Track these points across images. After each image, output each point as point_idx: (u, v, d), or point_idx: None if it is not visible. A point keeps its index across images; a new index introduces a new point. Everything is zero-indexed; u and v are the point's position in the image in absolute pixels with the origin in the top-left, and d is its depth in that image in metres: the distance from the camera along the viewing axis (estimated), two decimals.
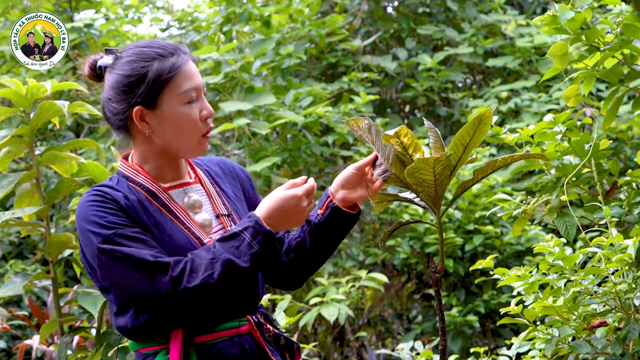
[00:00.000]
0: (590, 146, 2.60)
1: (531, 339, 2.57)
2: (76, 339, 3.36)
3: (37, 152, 3.06)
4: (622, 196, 2.63)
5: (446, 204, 4.43)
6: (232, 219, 2.20)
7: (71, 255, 3.09)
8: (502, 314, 2.53)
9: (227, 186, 2.28)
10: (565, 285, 2.37)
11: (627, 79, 2.59)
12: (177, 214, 2.13)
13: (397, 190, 2.32)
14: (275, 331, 2.21)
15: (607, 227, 2.41)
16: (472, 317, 5.03)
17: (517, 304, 2.47)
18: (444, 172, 2.12)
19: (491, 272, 2.51)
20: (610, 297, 2.34)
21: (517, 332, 5.00)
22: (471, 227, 5.21)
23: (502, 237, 5.22)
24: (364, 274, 5.03)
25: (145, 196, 2.11)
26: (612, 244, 2.33)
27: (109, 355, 2.87)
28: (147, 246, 2.02)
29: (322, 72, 6.72)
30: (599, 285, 2.42)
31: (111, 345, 2.91)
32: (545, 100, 6.07)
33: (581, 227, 2.59)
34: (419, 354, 3.13)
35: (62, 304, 3.19)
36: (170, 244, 2.07)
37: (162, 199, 2.13)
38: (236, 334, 2.12)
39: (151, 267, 1.99)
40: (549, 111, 5.89)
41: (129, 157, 2.20)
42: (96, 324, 3.04)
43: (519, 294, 2.45)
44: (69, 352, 3.13)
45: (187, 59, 2.12)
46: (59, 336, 3.12)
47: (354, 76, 6.21)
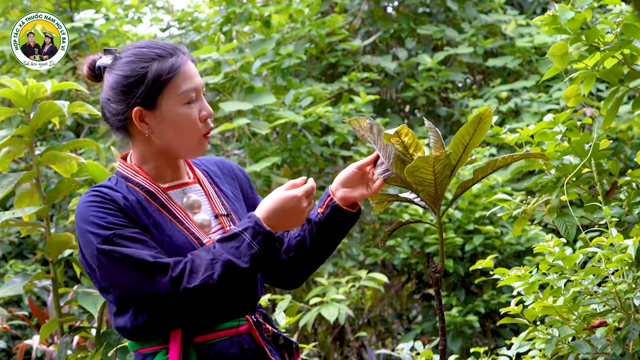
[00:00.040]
0: (590, 146, 2.59)
1: (531, 339, 2.57)
2: (76, 339, 3.36)
3: (37, 152, 3.06)
4: (622, 196, 2.63)
5: (446, 204, 4.43)
6: (231, 219, 2.20)
7: (71, 255, 3.09)
8: (502, 314, 2.53)
9: (226, 186, 2.28)
10: (565, 285, 2.37)
11: (627, 79, 2.59)
12: (176, 214, 2.12)
13: (397, 190, 2.32)
14: (274, 331, 2.21)
15: (607, 227, 2.41)
16: (472, 317, 5.03)
17: (517, 304, 2.47)
18: (444, 171, 2.12)
19: (491, 272, 2.50)
20: (610, 297, 2.34)
21: (517, 332, 5.00)
22: (471, 227, 5.21)
23: (502, 237, 5.22)
24: (364, 274, 5.03)
25: (144, 196, 2.11)
26: (612, 244, 2.33)
27: (109, 355, 2.87)
28: (147, 247, 2.02)
29: (322, 72, 6.72)
30: (599, 285, 2.42)
31: (111, 345, 2.91)
32: (545, 100, 6.07)
33: (581, 227, 2.59)
34: (419, 354, 3.13)
35: (62, 304, 3.19)
36: (169, 244, 2.07)
37: (161, 199, 2.13)
38: (235, 333, 2.12)
39: (151, 267, 1.99)
40: (549, 111, 5.89)
41: (127, 157, 2.19)
42: (96, 324, 3.04)
43: (519, 294, 2.45)
44: (69, 352, 3.13)
45: (186, 60, 2.12)
46: (59, 336, 3.12)
47: (354, 76, 6.21)
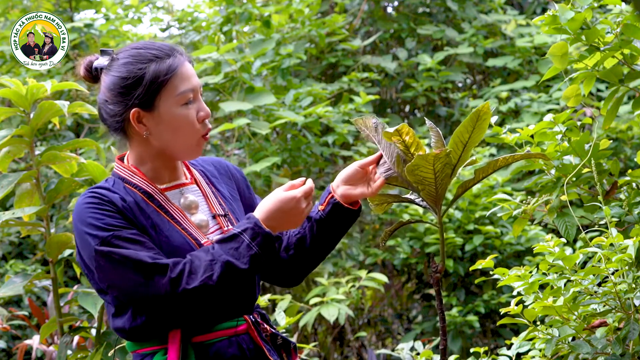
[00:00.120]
0: (590, 146, 2.59)
1: (531, 339, 2.57)
2: (76, 339, 3.36)
3: (37, 152, 3.06)
4: (622, 196, 2.63)
5: (447, 203, 4.43)
6: (228, 219, 2.20)
7: (71, 255, 3.09)
8: (502, 314, 2.53)
9: (223, 186, 2.28)
10: (565, 285, 2.37)
11: (627, 79, 2.59)
12: (174, 215, 2.12)
13: (398, 190, 2.32)
14: (272, 331, 2.21)
15: (607, 227, 2.41)
16: (472, 317, 5.03)
17: (517, 304, 2.47)
18: (444, 170, 2.11)
19: (491, 272, 2.50)
20: (610, 297, 2.34)
21: (517, 332, 5.00)
22: (471, 227, 5.21)
23: (502, 237, 5.22)
24: (364, 274, 5.03)
25: (141, 198, 2.11)
26: (612, 244, 2.33)
27: (109, 355, 2.87)
28: (145, 248, 2.02)
29: (322, 72, 6.72)
30: (599, 285, 2.42)
31: (111, 345, 2.91)
32: (545, 100, 6.07)
33: (581, 227, 2.59)
34: (419, 354, 3.13)
35: (62, 304, 3.19)
36: (167, 245, 2.07)
37: (159, 200, 2.12)
38: (234, 333, 2.12)
39: (149, 268, 1.99)
40: (549, 111, 5.89)
41: (124, 158, 2.19)
42: (96, 324, 3.04)
43: (519, 294, 2.45)
44: (69, 352, 3.13)
45: (183, 60, 2.12)
46: (59, 336, 3.12)
47: (354, 76, 6.21)
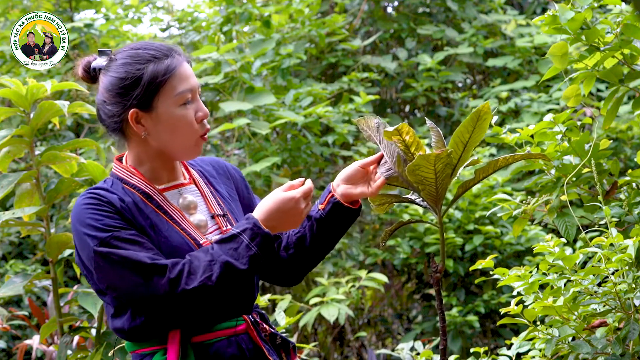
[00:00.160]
0: (590, 146, 2.60)
1: (531, 339, 2.57)
2: (76, 339, 3.36)
3: (37, 152, 3.06)
4: (622, 196, 2.63)
5: (447, 204, 4.43)
6: (227, 219, 2.20)
7: (71, 255, 3.09)
8: (502, 314, 2.53)
9: (222, 186, 2.28)
10: (565, 285, 2.37)
11: (627, 79, 2.59)
12: (173, 215, 2.12)
13: (398, 191, 2.32)
14: (271, 331, 2.21)
15: (607, 227, 2.41)
16: (472, 317, 5.03)
17: (517, 304, 2.47)
18: (445, 170, 2.11)
19: (491, 272, 2.50)
20: (610, 297, 2.34)
21: (517, 332, 5.00)
22: (471, 227, 5.21)
23: (502, 237, 5.22)
24: (364, 274, 5.03)
25: (140, 198, 2.11)
26: (612, 244, 2.33)
27: (109, 355, 2.87)
28: (144, 248, 2.02)
29: (322, 72, 6.72)
30: (599, 285, 2.42)
31: (111, 345, 2.91)
32: (545, 100, 6.07)
33: (581, 227, 2.59)
34: (419, 354, 3.13)
35: (62, 304, 3.19)
36: (166, 245, 2.07)
37: (157, 200, 2.13)
38: (233, 333, 2.12)
39: (148, 269, 1.99)
40: (549, 111, 5.89)
41: (122, 158, 2.19)
42: (96, 324, 3.04)
43: (519, 294, 2.45)
44: (69, 352, 3.13)
45: (181, 61, 2.12)
46: (59, 336, 3.12)
47: (354, 76, 6.21)
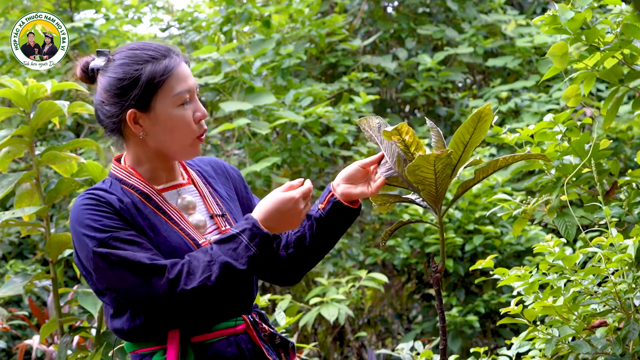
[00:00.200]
0: (590, 146, 2.60)
1: (531, 339, 2.57)
2: (76, 339, 3.36)
3: (37, 152, 3.06)
4: (622, 196, 2.63)
5: (447, 203, 4.43)
6: (226, 219, 2.20)
7: (71, 255, 3.09)
8: (502, 314, 2.53)
9: (220, 186, 2.28)
10: (565, 285, 2.37)
11: (627, 79, 2.59)
12: (172, 215, 2.12)
13: (398, 191, 2.32)
14: (270, 330, 2.21)
15: (607, 227, 2.41)
16: (472, 317, 5.03)
17: (517, 304, 2.47)
18: (445, 170, 2.11)
19: (491, 272, 2.50)
20: (610, 297, 2.34)
21: (517, 332, 5.00)
22: (471, 227, 5.21)
23: (502, 237, 5.22)
24: (364, 274, 5.03)
25: (139, 198, 2.11)
26: (612, 244, 2.33)
27: (109, 355, 2.87)
28: (143, 249, 2.02)
29: (322, 72, 6.72)
30: (599, 285, 2.42)
31: (111, 345, 2.91)
32: (545, 100, 6.07)
33: (581, 227, 2.59)
34: (419, 354, 3.13)
35: (62, 304, 3.19)
36: (165, 245, 2.07)
37: (156, 201, 2.13)
38: (233, 333, 2.12)
39: (147, 269, 1.99)
40: (549, 111, 5.89)
41: (121, 159, 2.19)
42: (96, 324, 3.04)
43: (519, 294, 2.45)
44: (69, 352, 3.13)
45: (179, 61, 2.12)
46: (59, 336, 3.12)
47: (354, 76, 6.21)
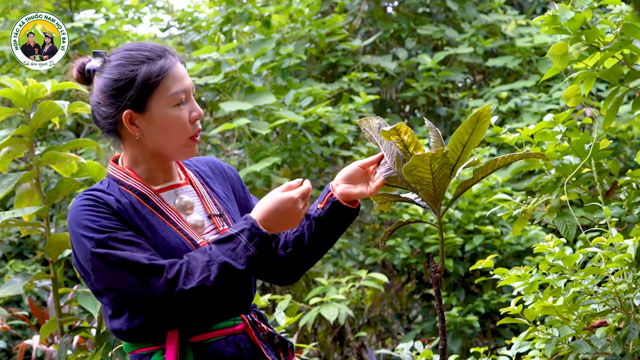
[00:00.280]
0: (590, 146, 2.60)
1: (531, 339, 2.57)
2: (76, 339, 3.36)
3: (37, 152, 3.06)
4: (622, 196, 2.63)
5: (446, 203, 4.43)
6: (223, 219, 2.21)
7: (71, 255, 3.09)
8: (502, 314, 2.53)
9: (218, 186, 2.28)
10: (565, 285, 2.37)
11: (627, 79, 2.59)
12: (169, 215, 2.13)
13: (398, 191, 2.32)
14: (269, 330, 2.21)
15: (607, 227, 2.41)
16: (472, 317, 5.03)
17: (517, 304, 2.47)
18: (442, 170, 2.11)
19: (491, 272, 2.50)
20: (610, 297, 2.34)
21: (517, 332, 5.00)
22: (471, 227, 5.21)
23: (502, 237, 5.22)
24: (364, 274, 5.03)
25: (136, 199, 2.11)
26: (612, 244, 2.33)
27: (109, 355, 2.87)
28: (141, 249, 2.02)
29: (322, 72, 6.72)
30: (599, 285, 2.42)
31: (111, 345, 2.91)
32: (545, 100, 6.07)
33: (581, 227, 2.59)
34: (419, 354, 3.13)
35: (62, 304, 3.19)
36: (163, 246, 2.07)
37: (154, 201, 2.13)
38: (231, 333, 2.12)
39: (146, 270, 1.99)
40: (549, 111, 5.89)
41: (118, 160, 2.20)
42: (96, 324, 3.04)
43: (519, 294, 2.45)
44: (69, 352, 3.13)
45: (175, 61, 2.12)
46: (59, 336, 3.12)
47: (354, 76, 6.21)
